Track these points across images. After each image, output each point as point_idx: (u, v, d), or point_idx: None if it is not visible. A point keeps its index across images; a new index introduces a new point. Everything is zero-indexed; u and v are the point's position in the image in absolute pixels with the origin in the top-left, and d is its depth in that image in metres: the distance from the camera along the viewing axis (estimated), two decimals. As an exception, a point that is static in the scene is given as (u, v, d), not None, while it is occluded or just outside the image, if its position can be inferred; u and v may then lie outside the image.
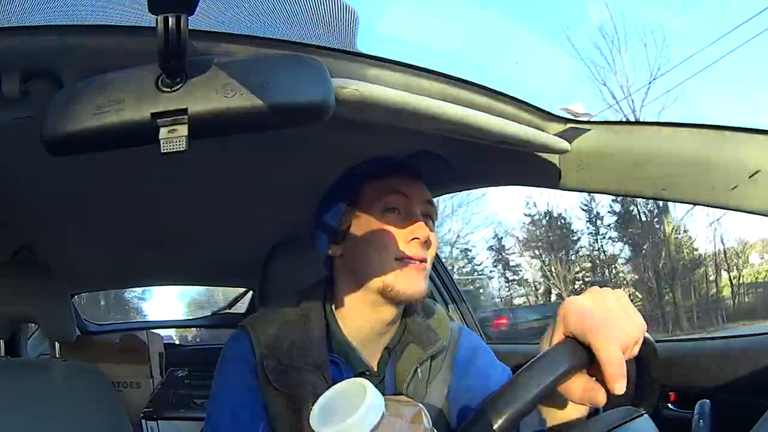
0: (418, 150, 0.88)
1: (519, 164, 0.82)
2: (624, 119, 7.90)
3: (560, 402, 0.52)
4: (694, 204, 0.72)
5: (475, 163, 0.91)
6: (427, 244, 0.67)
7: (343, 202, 0.71)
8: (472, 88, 0.66)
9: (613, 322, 0.44)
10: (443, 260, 1.62)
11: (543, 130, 0.72)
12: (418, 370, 0.69)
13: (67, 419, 0.89)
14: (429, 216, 0.71)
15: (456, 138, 0.70)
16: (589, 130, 0.74)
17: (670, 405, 0.89)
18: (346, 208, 0.70)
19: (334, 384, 0.66)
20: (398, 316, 0.71)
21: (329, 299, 0.72)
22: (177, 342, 3.08)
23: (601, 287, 0.48)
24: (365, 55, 0.60)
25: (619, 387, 0.42)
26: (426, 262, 0.68)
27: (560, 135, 0.74)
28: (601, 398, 0.45)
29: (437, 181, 0.97)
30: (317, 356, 0.66)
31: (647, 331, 0.48)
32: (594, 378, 0.46)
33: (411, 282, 0.66)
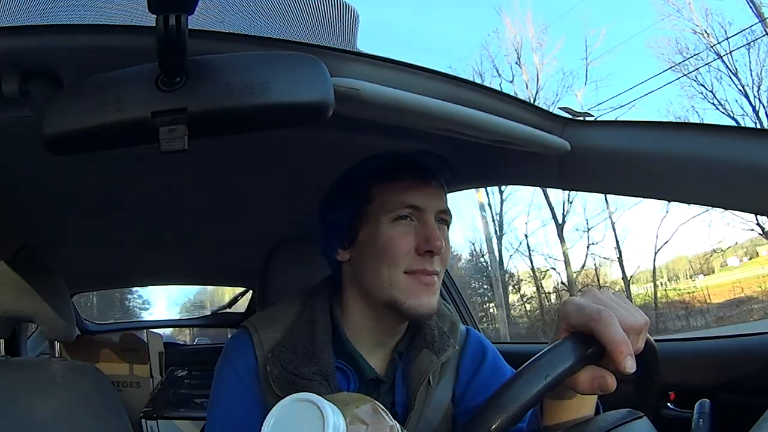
0: (418, 150, 0.88)
1: (519, 164, 0.82)
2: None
3: (564, 400, 0.51)
4: (694, 204, 0.72)
5: (476, 163, 0.91)
6: (440, 255, 0.63)
7: (351, 202, 0.67)
8: (472, 88, 0.66)
9: (613, 309, 0.45)
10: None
11: (543, 130, 0.72)
12: (430, 377, 0.66)
13: (66, 419, 0.89)
14: (444, 221, 0.67)
15: (456, 138, 0.69)
16: (590, 129, 0.74)
17: (669, 404, 0.89)
18: (354, 210, 0.66)
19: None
20: (405, 323, 0.68)
21: (336, 302, 0.69)
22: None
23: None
24: (365, 55, 0.59)
25: (629, 365, 0.42)
26: (438, 275, 0.64)
27: (560, 135, 0.74)
28: (611, 383, 0.45)
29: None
30: (323, 364, 0.63)
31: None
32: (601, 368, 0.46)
33: (420, 299, 0.62)
